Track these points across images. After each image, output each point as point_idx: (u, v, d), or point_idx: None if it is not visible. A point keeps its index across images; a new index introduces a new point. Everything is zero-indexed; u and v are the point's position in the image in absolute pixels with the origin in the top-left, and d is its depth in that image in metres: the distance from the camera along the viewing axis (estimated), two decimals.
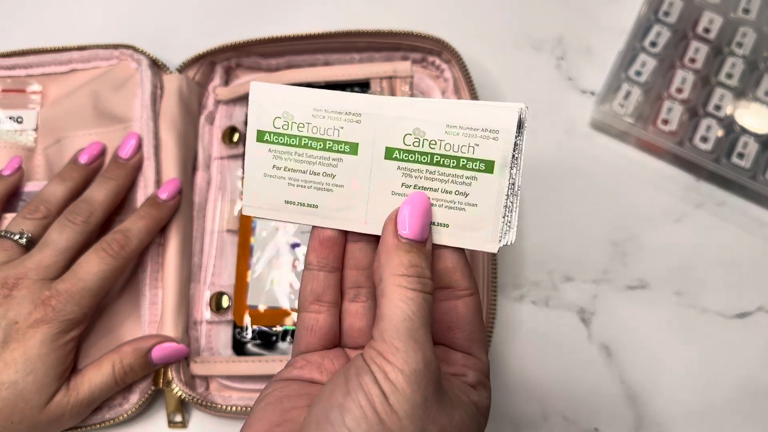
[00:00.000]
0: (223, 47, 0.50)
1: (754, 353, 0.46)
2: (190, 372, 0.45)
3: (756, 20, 0.52)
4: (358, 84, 0.49)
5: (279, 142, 0.31)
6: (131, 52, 0.49)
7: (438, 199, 0.30)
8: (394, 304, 0.28)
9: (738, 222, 0.49)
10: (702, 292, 0.48)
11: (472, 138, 0.29)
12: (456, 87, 0.50)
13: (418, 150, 0.29)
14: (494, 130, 0.29)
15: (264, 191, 0.31)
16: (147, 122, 0.47)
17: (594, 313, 0.48)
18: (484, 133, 0.29)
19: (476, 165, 0.29)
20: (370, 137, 0.30)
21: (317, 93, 0.30)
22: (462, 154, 0.29)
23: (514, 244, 0.49)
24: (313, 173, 0.31)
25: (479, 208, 0.30)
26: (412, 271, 0.28)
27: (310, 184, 0.31)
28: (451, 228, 0.30)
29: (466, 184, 0.29)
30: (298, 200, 0.31)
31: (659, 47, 0.51)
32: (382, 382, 0.27)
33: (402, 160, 0.30)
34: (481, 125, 0.29)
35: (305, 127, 0.31)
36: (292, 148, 0.31)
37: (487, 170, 0.29)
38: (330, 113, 0.30)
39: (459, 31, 0.52)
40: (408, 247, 0.29)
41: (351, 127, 0.30)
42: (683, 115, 0.50)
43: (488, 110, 0.29)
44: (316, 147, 0.31)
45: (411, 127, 0.29)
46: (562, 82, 0.54)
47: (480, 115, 0.29)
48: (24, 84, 0.51)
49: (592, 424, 0.45)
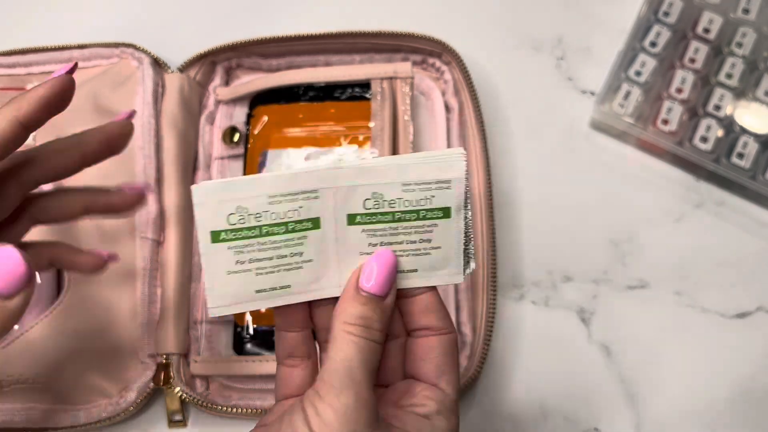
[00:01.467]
0: (224, 47, 0.50)
1: (753, 353, 0.47)
2: (191, 372, 0.45)
3: (756, 20, 0.52)
4: (358, 84, 0.49)
5: (238, 237, 0.30)
6: (132, 50, 0.49)
7: (404, 250, 0.31)
8: (338, 347, 0.29)
9: (738, 222, 0.50)
10: (702, 292, 0.48)
11: (427, 191, 0.30)
12: (456, 89, 0.50)
13: (379, 212, 0.30)
14: (446, 181, 0.30)
15: (230, 288, 0.30)
16: (148, 120, 0.47)
17: (594, 313, 0.48)
18: (438, 185, 0.30)
19: (435, 213, 0.31)
20: (330, 209, 0.30)
21: (269, 179, 0.29)
22: (420, 206, 0.31)
23: (514, 244, 0.49)
24: (280, 257, 0.30)
25: (442, 249, 0.31)
26: (361, 322, 0.30)
27: (278, 268, 0.30)
28: (420, 272, 0.32)
29: (428, 232, 0.31)
30: (269, 286, 0.31)
31: (659, 47, 0.51)
32: (312, 418, 0.28)
33: (365, 224, 0.31)
34: (434, 178, 0.30)
35: (263, 216, 0.30)
36: (254, 240, 0.30)
37: (444, 216, 0.31)
38: (286, 197, 0.30)
39: (459, 31, 0.52)
40: (364, 300, 0.30)
41: (310, 204, 0.30)
42: (683, 115, 0.50)
43: (437, 164, 0.30)
44: (279, 232, 0.30)
45: (369, 192, 0.30)
46: (562, 83, 0.54)
47: (431, 170, 0.30)
48: (23, 82, 0.51)
49: (592, 424, 0.45)
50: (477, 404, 0.46)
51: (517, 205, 0.50)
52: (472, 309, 0.45)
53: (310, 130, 0.49)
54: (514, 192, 0.51)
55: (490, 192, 0.46)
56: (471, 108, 0.48)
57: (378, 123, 0.47)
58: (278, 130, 0.49)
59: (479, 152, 0.47)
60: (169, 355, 0.44)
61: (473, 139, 0.48)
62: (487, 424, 0.46)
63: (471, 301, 0.46)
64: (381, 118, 0.47)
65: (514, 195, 0.51)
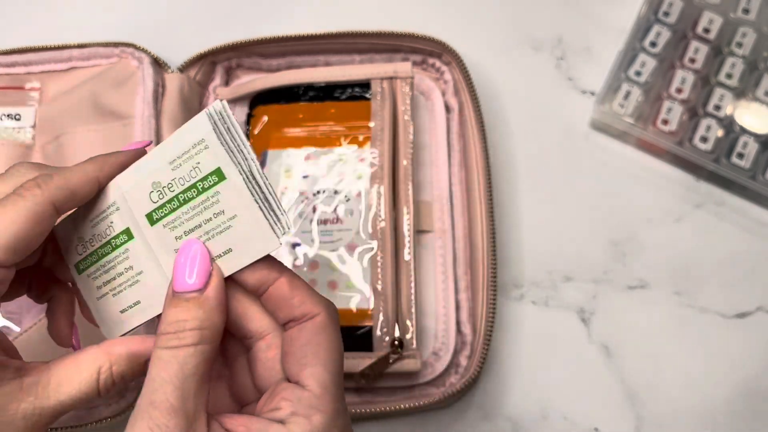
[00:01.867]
0: (224, 47, 0.50)
1: (753, 353, 0.47)
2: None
3: (756, 20, 0.52)
4: (358, 84, 0.49)
5: (87, 265, 0.32)
6: (132, 50, 0.49)
7: (206, 232, 0.29)
8: (152, 368, 0.27)
9: (738, 222, 0.50)
10: (702, 292, 0.48)
11: (191, 160, 0.29)
12: (456, 89, 0.50)
13: (165, 201, 0.30)
14: (200, 141, 0.28)
15: (106, 313, 0.33)
16: (148, 119, 0.47)
17: (594, 313, 0.48)
18: (195, 149, 0.28)
19: (209, 181, 0.29)
20: (129, 216, 0.31)
21: (81, 211, 0.32)
22: (194, 179, 0.29)
23: (514, 244, 0.49)
24: (118, 275, 0.31)
25: (240, 216, 0.29)
26: (171, 328, 0.27)
27: (123, 286, 0.32)
28: (234, 250, 0.29)
29: (216, 203, 0.29)
30: (126, 305, 0.32)
31: (659, 47, 0.51)
32: None
33: (162, 218, 0.30)
34: (189, 143, 0.29)
35: (91, 240, 0.32)
36: (93, 265, 0.32)
37: (220, 179, 0.28)
38: (99, 217, 0.31)
39: (459, 31, 0.52)
40: (175, 302, 0.28)
41: (114, 217, 0.31)
42: (683, 115, 0.50)
43: (186, 128, 0.29)
44: (108, 252, 0.32)
45: (149, 184, 0.30)
46: (562, 83, 0.54)
47: (183, 137, 0.29)
48: (22, 81, 0.51)
49: (592, 424, 0.45)
50: (477, 404, 0.46)
51: (517, 205, 0.50)
52: (472, 309, 0.45)
53: (310, 130, 0.49)
54: (514, 192, 0.51)
55: (490, 192, 0.46)
56: (471, 108, 0.48)
57: (378, 123, 0.47)
58: (278, 130, 0.49)
59: (479, 152, 0.47)
60: None
61: (473, 139, 0.48)
62: (487, 424, 0.46)
63: (471, 301, 0.46)
64: (381, 118, 0.47)
65: (514, 195, 0.51)
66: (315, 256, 0.45)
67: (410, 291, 0.44)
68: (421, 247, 0.47)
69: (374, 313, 0.43)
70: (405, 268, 0.44)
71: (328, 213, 0.46)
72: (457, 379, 0.44)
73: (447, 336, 0.45)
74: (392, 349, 0.42)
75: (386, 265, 0.44)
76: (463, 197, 0.48)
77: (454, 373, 0.44)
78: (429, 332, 0.45)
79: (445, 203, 0.47)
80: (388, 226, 0.45)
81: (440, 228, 0.47)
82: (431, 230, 0.47)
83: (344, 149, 0.47)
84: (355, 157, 0.47)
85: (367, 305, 0.44)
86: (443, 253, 0.46)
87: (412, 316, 0.43)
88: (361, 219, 0.45)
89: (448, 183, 0.48)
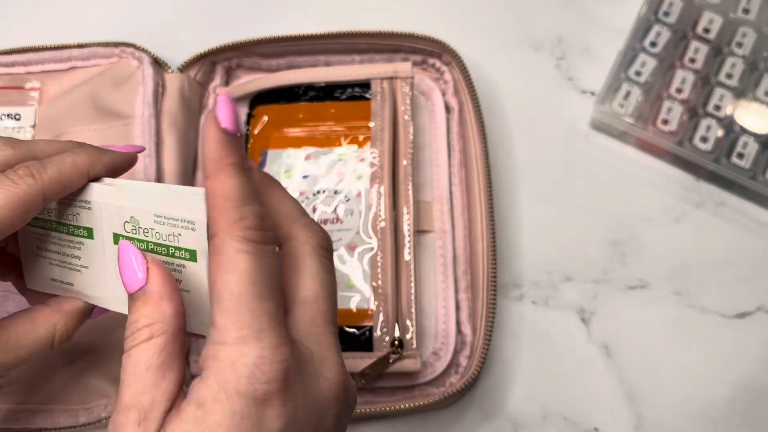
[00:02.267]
0: (224, 47, 0.50)
1: (753, 353, 0.47)
2: (190, 371, 0.45)
3: (756, 20, 0.52)
4: (358, 84, 0.49)
5: (38, 224, 0.33)
6: (132, 50, 0.49)
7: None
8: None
9: (738, 222, 0.50)
10: (702, 292, 0.48)
11: (175, 228, 0.29)
12: (456, 89, 0.50)
13: (136, 237, 0.30)
14: (191, 221, 0.29)
15: (35, 269, 0.34)
16: (149, 119, 0.47)
17: (594, 313, 0.48)
18: (183, 224, 0.29)
19: (182, 254, 0.29)
20: (100, 224, 0.31)
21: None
22: (170, 243, 0.30)
23: (514, 244, 0.49)
24: (64, 254, 0.33)
25: (193, 292, 0.30)
26: (128, 331, 0.28)
27: (63, 264, 0.33)
28: (191, 317, 0.30)
29: (178, 272, 0.30)
30: (59, 278, 0.33)
31: (659, 47, 0.51)
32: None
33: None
34: (181, 216, 0.29)
35: (52, 212, 0.32)
36: (49, 231, 0.33)
37: (191, 259, 0.29)
38: (69, 200, 0.32)
39: (459, 31, 0.52)
40: (129, 307, 0.28)
41: (85, 213, 0.32)
42: (683, 115, 0.50)
43: (185, 197, 0.29)
44: (63, 231, 0.32)
45: (128, 215, 0.30)
46: (562, 83, 0.54)
47: (178, 206, 0.29)
48: (22, 81, 0.51)
49: (592, 424, 0.45)
50: (477, 404, 0.46)
51: (517, 205, 0.50)
52: (472, 309, 0.45)
53: (310, 130, 0.49)
54: (514, 192, 0.51)
55: (490, 192, 0.46)
56: (471, 108, 0.48)
57: (378, 123, 0.47)
58: (278, 130, 0.49)
59: (479, 152, 0.47)
60: None
61: (473, 139, 0.48)
62: (487, 424, 0.46)
63: (471, 301, 0.46)
64: (381, 118, 0.47)
65: (514, 195, 0.51)
66: None
67: (410, 291, 0.44)
68: (421, 247, 0.47)
69: (374, 313, 0.43)
70: (405, 268, 0.44)
71: (328, 213, 0.46)
72: (457, 379, 0.44)
73: (447, 336, 0.45)
74: (392, 349, 0.42)
75: (386, 265, 0.44)
76: (463, 197, 0.48)
77: (454, 373, 0.44)
78: (429, 332, 0.45)
79: (445, 203, 0.48)
80: (388, 226, 0.45)
81: (440, 228, 0.47)
82: (431, 230, 0.47)
83: (344, 149, 0.47)
84: (355, 157, 0.47)
85: (367, 305, 0.44)
86: (443, 253, 0.47)
87: (412, 316, 0.43)
88: (361, 219, 0.45)
89: (448, 183, 0.48)
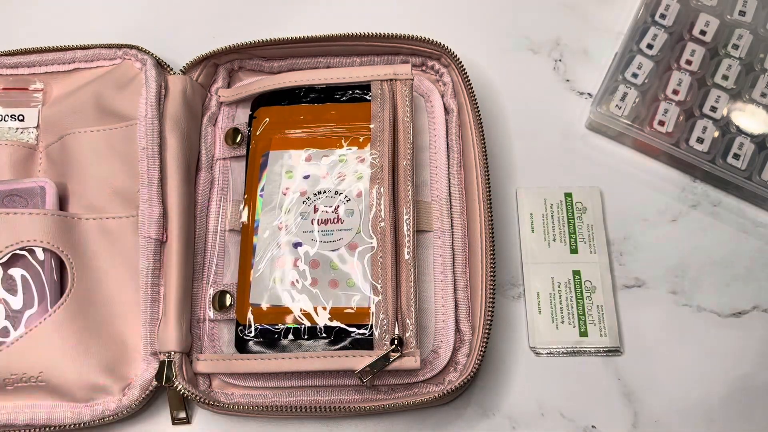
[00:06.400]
0: (226, 49, 0.50)
1: (749, 352, 0.47)
2: (193, 370, 0.45)
3: (752, 22, 0.52)
4: (359, 86, 0.49)
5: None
6: (135, 51, 0.50)
7: None
8: None
9: (733, 222, 0.50)
10: (698, 291, 0.48)
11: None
12: (455, 90, 0.50)
13: None
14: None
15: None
16: (152, 121, 0.47)
17: None
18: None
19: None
20: None
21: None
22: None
23: (513, 244, 0.50)
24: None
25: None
26: None
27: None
28: None
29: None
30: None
31: (656, 49, 0.52)
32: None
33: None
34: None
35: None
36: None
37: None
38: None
39: (458, 34, 0.53)
40: None
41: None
42: (679, 117, 0.50)
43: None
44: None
45: None
46: (560, 84, 0.54)
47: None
48: (26, 82, 0.51)
49: (589, 422, 0.46)
50: (475, 401, 0.46)
51: (515, 205, 0.51)
52: (471, 308, 0.46)
53: (311, 131, 0.49)
54: (512, 192, 0.51)
55: (489, 192, 0.47)
56: (470, 109, 0.49)
57: (378, 124, 0.48)
58: (280, 131, 0.49)
59: (478, 153, 0.47)
60: (171, 353, 0.44)
61: (472, 140, 0.48)
62: (486, 421, 0.46)
63: (470, 300, 0.46)
64: (381, 120, 0.48)
65: (513, 195, 0.51)
66: (316, 256, 0.45)
67: (410, 290, 0.44)
68: (420, 246, 0.47)
69: (374, 312, 0.44)
70: (405, 268, 0.45)
71: (329, 213, 0.46)
72: (455, 377, 0.44)
73: (446, 334, 0.45)
74: (392, 348, 0.42)
75: (386, 264, 0.44)
76: (462, 197, 0.48)
77: (453, 371, 0.45)
78: (428, 330, 0.46)
79: (445, 203, 0.48)
80: (388, 225, 0.45)
81: (440, 228, 0.47)
82: (431, 230, 0.48)
83: (345, 150, 0.48)
84: (356, 157, 0.47)
85: (367, 304, 0.44)
86: (442, 253, 0.47)
87: (412, 315, 0.44)
88: (362, 219, 0.46)
89: (447, 183, 0.48)
